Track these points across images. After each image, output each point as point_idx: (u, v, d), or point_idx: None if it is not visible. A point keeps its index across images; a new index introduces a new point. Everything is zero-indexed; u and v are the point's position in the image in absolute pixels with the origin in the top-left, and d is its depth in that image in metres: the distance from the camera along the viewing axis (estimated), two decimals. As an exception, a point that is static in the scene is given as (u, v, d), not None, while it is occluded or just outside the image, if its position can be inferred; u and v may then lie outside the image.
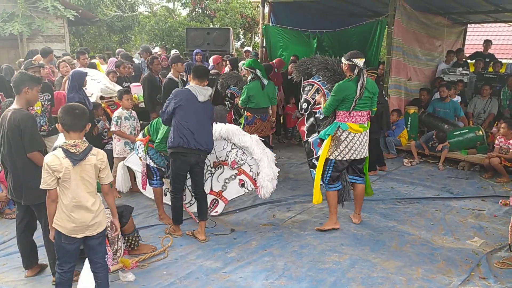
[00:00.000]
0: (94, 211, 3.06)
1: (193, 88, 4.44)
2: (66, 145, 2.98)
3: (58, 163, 2.94)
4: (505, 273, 4.00)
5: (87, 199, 3.03)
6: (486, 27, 16.40)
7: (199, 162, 4.51)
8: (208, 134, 4.51)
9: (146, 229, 4.78)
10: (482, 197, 6.03)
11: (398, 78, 8.41)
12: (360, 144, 4.64)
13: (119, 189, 5.61)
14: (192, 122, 4.34)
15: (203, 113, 4.44)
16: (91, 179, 3.06)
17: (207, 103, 4.53)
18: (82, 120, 3.09)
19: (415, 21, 8.70)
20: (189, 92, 4.43)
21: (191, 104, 4.38)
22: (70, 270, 3.13)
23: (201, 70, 4.59)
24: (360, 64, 4.44)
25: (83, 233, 3.05)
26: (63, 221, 3.01)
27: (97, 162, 3.07)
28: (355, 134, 4.59)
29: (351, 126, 4.56)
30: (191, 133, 4.32)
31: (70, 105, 3.22)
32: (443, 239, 4.72)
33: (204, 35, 10.24)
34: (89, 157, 3.04)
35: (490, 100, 8.49)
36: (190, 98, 4.40)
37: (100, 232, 3.13)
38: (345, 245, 4.51)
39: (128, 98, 5.81)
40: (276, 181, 4.90)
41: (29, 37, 11.40)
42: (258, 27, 14.66)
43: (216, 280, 3.82)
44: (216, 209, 5.19)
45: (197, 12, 18.19)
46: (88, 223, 3.04)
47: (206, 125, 4.49)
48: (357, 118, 4.58)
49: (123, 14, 17.33)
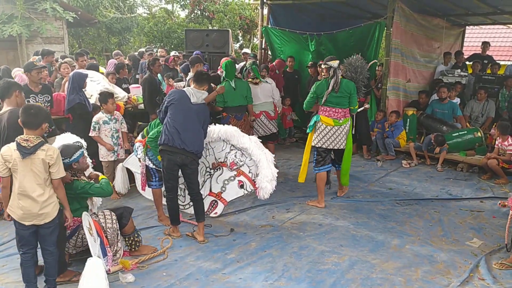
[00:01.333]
0: (41, 202, 3.32)
1: (188, 90, 4.55)
2: (19, 139, 3.28)
3: (9, 154, 3.28)
4: (504, 274, 4.02)
5: (34, 189, 3.30)
6: (484, 29, 16.42)
7: (187, 164, 4.47)
8: (195, 135, 4.47)
9: (145, 230, 4.78)
10: (480, 198, 6.04)
11: (396, 80, 8.42)
12: (334, 136, 5.39)
13: (119, 190, 5.63)
14: (179, 121, 4.38)
15: (193, 114, 4.45)
16: (40, 173, 3.32)
17: (200, 106, 4.54)
18: (36, 119, 3.35)
19: (414, 23, 8.71)
20: (183, 93, 4.52)
21: (182, 104, 4.44)
22: (28, 252, 3.44)
23: (200, 75, 4.73)
24: (334, 65, 5.26)
25: (30, 221, 3.34)
26: (14, 207, 3.34)
27: (45, 157, 3.32)
28: (326, 126, 5.38)
29: (322, 118, 5.38)
30: (177, 131, 4.35)
31: (28, 105, 3.49)
32: (442, 240, 4.73)
33: (203, 36, 10.23)
34: (38, 152, 3.30)
35: (487, 103, 8.51)
36: (183, 98, 4.48)
37: (47, 222, 3.38)
38: (344, 246, 4.52)
39: (113, 102, 5.73)
40: (275, 182, 4.92)
41: (28, 38, 11.40)
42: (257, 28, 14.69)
43: (216, 281, 3.82)
44: (216, 211, 5.20)
45: (196, 13, 18.20)
46: (34, 212, 3.32)
47: (194, 126, 4.47)
48: (330, 113, 5.36)
49: (122, 15, 17.33)
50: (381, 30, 8.20)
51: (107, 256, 3.75)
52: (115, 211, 4.08)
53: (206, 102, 5.87)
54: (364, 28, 8.50)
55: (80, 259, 4.05)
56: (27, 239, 3.41)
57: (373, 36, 8.27)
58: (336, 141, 5.41)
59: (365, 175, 6.92)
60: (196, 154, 4.50)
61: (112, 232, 3.90)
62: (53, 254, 3.49)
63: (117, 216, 4.02)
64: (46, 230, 3.41)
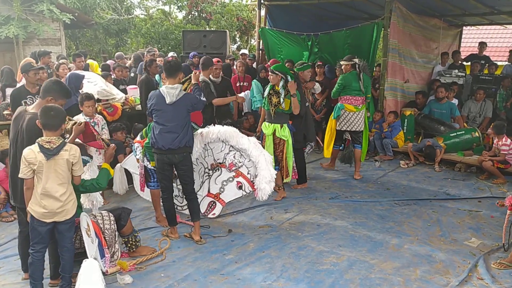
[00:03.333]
0: (63, 201, 3.38)
1: (163, 90, 4.40)
2: (41, 141, 3.30)
3: (33, 157, 3.28)
4: (502, 273, 4.02)
5: (56, 189, 3.35)
6: (481, 30, 16.45)
7: (177, 163, 4.46)
8: (179, 133, 4.37)
9: (143, 231, 4.76)
10: (478, 198, 6.04)
11: (394, 80, 8.43)
12: (353, 119, 6.62)
13: (116, 191, 5.54)
14: (161, 123, 4.38)
15: (171, 113, 4.36)
16: (64, 172, 3.39)
17: (177, 103, 4.36)
18: (56, 120, 3.36)
19: (412, 23, 8.72)
20: (159, 94, 4.42)
21: (160, 106, 4.39)
22: (41, 250, 3.45)
23: (169, 66, 4.48)
24: (357, 62, 6.59)
25: (51, 219, 3.38)
26: (35, 206, 3.35)
27: (69, 157, 3.39)
28: (349, 113, 6.61)
29: (346, 106, 6.62)
30: (160, 134, 4.37)
31: (48, 107, 3.43)
32: (441, 240, 4.73)
33: (201, 37, 10.22)
34: (62, 152, 3.35)
35: (484, 103, 8.52)
36: (160, 100, 4.39)
37: (68, 219, 3.44)
38: (342, 246, 4.51)
39: (89, 105, 5.41)
40: (274, 183, 4.91)
41: (25, 40, 11.38)
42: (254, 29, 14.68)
43: (214, 282, 3.81)
44: (214, 211, 5.18)
45: (193, 15, 18.21)
46: (56, 210, 3.36)
47: (177, 124, 4.36)
48: (352, 101, 6.61)
49: (119, 17, 17.31)
50: (378, 30, 8.21)
51: (105, 257, 3.72)
52: (113, 212, 4.06)
53: (220, 104, 6.43)
54: (362, 29, 8.51)
55: (77, 261, 4.02)
56: (43, 236, 3.40)
57: (371, 37, 8.28)
58: (354, 123, 6.62)
59: (363, 175, 6.92)
60: (184, 147, 4.42)
61: (110, 233, 3.88)
62: (70, 250, 3.52)
63: (115, 217, 4.01)
64: (64, 226, 3.45)
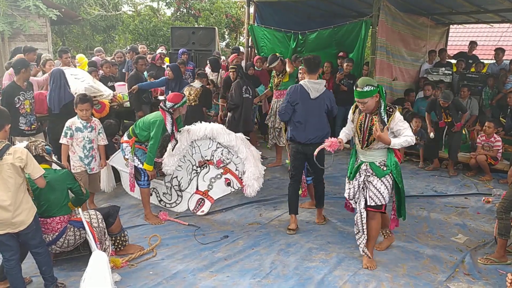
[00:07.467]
0: (12, 211, 3.07)
1: (306, 85, 4.73)
2: None
3: None
4: (488, 269, 4.07)
5: (4, 199, 3.04)
6: (468, 28, 16.62)
7: (310, 154, 4.65)
8: (316, 126, 4.74)
9: (131, 229, 4.72)
10: (465, 195, 6.11)
11: (382, 78, 8.45)
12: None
13: (103, 189, 5.52)
14: (300, 117, 4.74)
15: (313, 108, 4.74)
16: (11, 178, 3.06)
17: (320, 97, 4.75)
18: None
19: (400, 21, 8.76)
20: (302, 89, 4.72)
21: (303, 101, 4.72)
22: (12, 258, 3.21)
23: (311, 62, 4.77)
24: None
25: (4, 230, 3.11)
26: None
27: (14, 161, 3.06)
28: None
29: None
30: (299, 127, 4.75)
31: None
32: (428, 236, 4.77)
33: (189, 34, 10.17)
34: (5, 157, 3.04)
35: (470, 101, 8.61)
36: (304, 95, 4.72)
37: (23, 229, 3.17)
38: (331, 243, 4.53)
39: (83, 108, 4.80)
40: (262, 180, 4.92)
41: (11, 36, 11.20)
42: (243, 27, 14.64)
43: (203, 279, 3.80)
44: (202, 209, 5.17)
45: (182, 11, 18.08)
46: (7, 221, 3.07)
47: (316, 119, 4.74)
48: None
49: (106, 13, 17.13)
50: (367, 28, 8.23)
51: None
52: (101, 211, 4.03)
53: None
54: (349, 26, 8.51)
55: (65, 259, 4.00)
56: (5, 245, 3.18)
57: (359, 35, 8.29)
58: None
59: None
60: (320, 138, 4.64)
61: (99, 231, 3.85)
62: (40, 254, 3.36)
63: (104, 215, 3.98)
64: (24, 236, 3.23)
